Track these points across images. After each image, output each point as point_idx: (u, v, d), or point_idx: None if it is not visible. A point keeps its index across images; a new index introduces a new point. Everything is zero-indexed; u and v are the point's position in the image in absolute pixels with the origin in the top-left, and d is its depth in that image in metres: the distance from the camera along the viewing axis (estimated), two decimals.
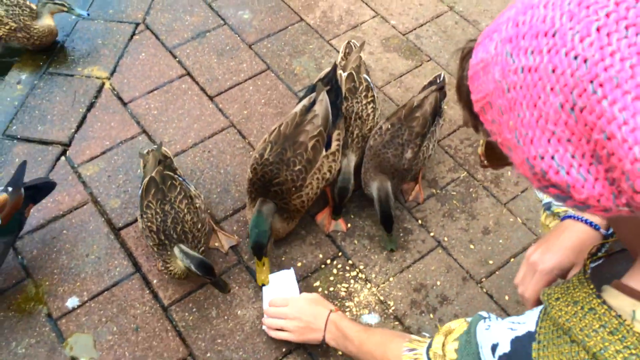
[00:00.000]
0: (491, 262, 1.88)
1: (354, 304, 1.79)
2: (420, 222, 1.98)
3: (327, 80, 1.97)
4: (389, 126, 1.93)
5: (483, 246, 1.92)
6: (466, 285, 1.83)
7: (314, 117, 1.84)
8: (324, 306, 1.58)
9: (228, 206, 2.01)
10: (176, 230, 1.68)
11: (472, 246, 1.92)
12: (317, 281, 1.84)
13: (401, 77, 2.39)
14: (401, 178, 1.91)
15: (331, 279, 1.85)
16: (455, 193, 2.05)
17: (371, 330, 1.47)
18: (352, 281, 1.84)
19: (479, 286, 1.83)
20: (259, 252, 1.71)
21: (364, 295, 1.81)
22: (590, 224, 1.18)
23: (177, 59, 2.43)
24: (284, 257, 1.89)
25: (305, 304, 1.60)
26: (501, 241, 1.93)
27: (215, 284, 1.69)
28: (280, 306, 1.64)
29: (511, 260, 1.89)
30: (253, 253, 1.73)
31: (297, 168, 1.77)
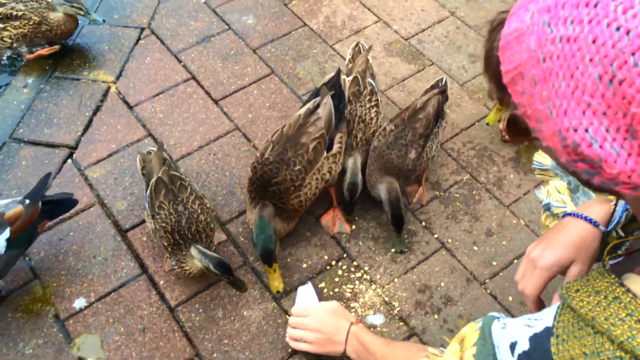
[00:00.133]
0: (495, 263, 1.90)
1: (359, 304, 1.81)
2: (424, 223, 2.00)
3: (331, 84, 2.00)
4: (392, 127, 1.96)
5: (486, 248, 1.93)
6: (470, 286, 1.85)
7: (317, 119, 1.87)
8: (345, 318, 1.56)
9: (233, 208, 2.03)
10: (191, 230, 1.70)
11: (475, 248, 1.93)
12: (322, 282, 1.85)
13: (404, 81, 2.41)
14: (405, 178, 1.93)
15: (336, 280, 1.86)
16: (458, 195, 2.07)
17: (393, 344, 1.46)
18: (357, 282, 1.86)
19: (482, 287, 1.85)
20: (269, 258, 1.70)
21: (369, 296, 1.83)
22: (590, 220, 1.17)
23: (182, 63, 2.46)
24: (289, 259, 1.91)
25: (326, 315, 1.57)
26: (504, 243, 1.95)
27: (232, 283, 1.70)
28: (300, 316, 1.62)
29: (514, 261, 1.90)
30: (262, 261, 1.72)
31: (297, 168, 1.79)
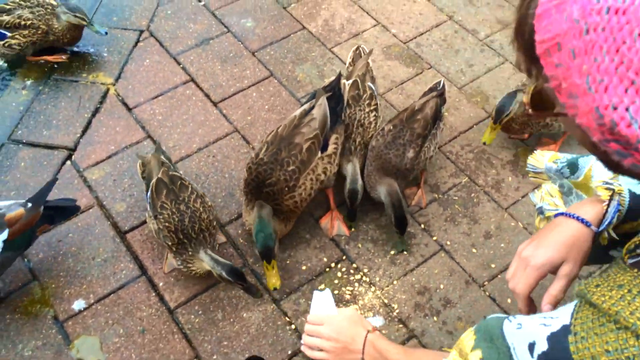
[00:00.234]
0: (493, 265, 1.91)
1: (358, 306, 1.81)
2: (423, 226, 2.00)
3: (331, 87, 2.01)
4: (390, 127, 1.97)
5: (485, 250, 1.94)
6: (469, 288, 1.86)
7: (311, 120, 1.87)
8: (362, 326, 1.49)
9: (233, 210, 2.03)
10: (194, 229, 1.70)
11: (474, 250, 1.94)
12: (321, 284, 1.86)
13: (402, 85, 2.42)
14: (403, 178, 1.94)
15: (336, 282, 1.87)
16: (457, 198, 2.08)
17: (410, 351, 1.42)
18: (356, 284, 1.86)
19: (481, 289, 1.86)
20: (268, 255, 1.71)
21: (369, 298, 1.83)
22: (582, 220, 1.17)
23: (181, 66, 2.46)
24: (288, 261, 1.91)
25: (342, 323, 1.50)
26: (503, 245, 1.96)
27: (246, 290, 1.70)
28: (315, 324, 1.54)
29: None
30: (262, 257, 1.72)
31: (290, 168, 1.80)
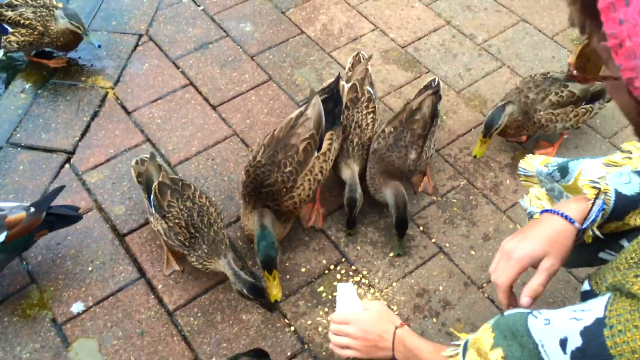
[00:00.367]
0: None
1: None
2: (422, 228, 2.01)
3: (329, 89, 2.02)
4: (391, 129, 1.98)
5: (484, 252, 1.95)
6: (468, 290, 1.86)
7: (305, 120, 1.88)
8: (389, 321, 1.41)
9: (232, 213, 2.03)
10: (203, 222, 1.71)
11: (473, 252, 1.95)
12: (320, 286, 1.86)
13: (401, 88, 2.43)
14: (407, 179, 1.96)
15: (335, 284, 1.86)
16: (455, 200, 2.08)
17: (443, 348, 1.33)
18: (355, 286, 1.86)
19: (480, 291, 1.86)
20: (269, 265, 1.70)
21: (368, 300, 1.83)
22: (566, 217, 1.19)
23: (180, 70, 2.47)
24: (287, 263, 1.91)
25: (369, 320, 1.42)
26: None
27: (264, 305, 1.71)
28: (342, 323, 1.46)
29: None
30: (263, 267, 1.71)
31: (287, 169, 1.80)
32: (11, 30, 2.30)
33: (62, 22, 2.30)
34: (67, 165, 2.14)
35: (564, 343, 0.80)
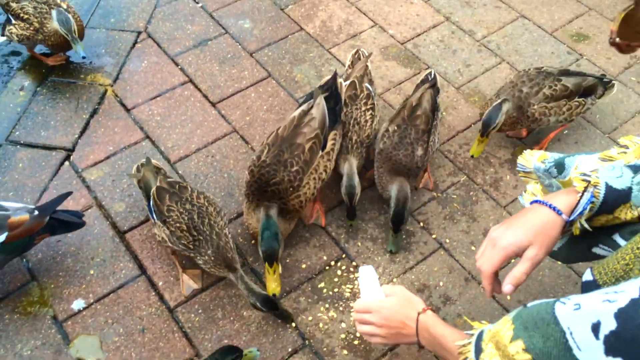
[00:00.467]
0: None
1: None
2: (422, 224, 2.01)
3: (327, 87, 2.02)
4: (395, 128, 1.97)
5: None
6: (468, 285, 1.86)
7: (311, 120, 1.88)
8: (411, 307, 1.38)
9: (232, 210, 2.03)
10: (204, 223, 1.70)
11: (473, 248, 1.95)
12: (321, 282, 1.86)
13: (400, 85, 2.43)
14: (415, 176, 1.97)
15: (335, 280, 1.87)
16: (455, 196, 2.08)
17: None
18: (356, 282, 1.86)
19: (480, 287, 1.86)
20: (272, 257, 1.69)
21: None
22: (554, 209, 1.21)
23: (179, 67, 2.46)
24: (288, 259, 1.91)
25: (390, 307, 1.40)
26: None
27: (279, 316, 1.72)
28: (364, 312, 1.44)
29: (512, 261, 1.91)
30: (264, 259, 1.71)
31: (294, 169, 1.80)
32: (13, 22, 2.32)
33: (56, 23, 2.29)
34: (66, 163, 2.13)
35: (596, 327, 0.77)
